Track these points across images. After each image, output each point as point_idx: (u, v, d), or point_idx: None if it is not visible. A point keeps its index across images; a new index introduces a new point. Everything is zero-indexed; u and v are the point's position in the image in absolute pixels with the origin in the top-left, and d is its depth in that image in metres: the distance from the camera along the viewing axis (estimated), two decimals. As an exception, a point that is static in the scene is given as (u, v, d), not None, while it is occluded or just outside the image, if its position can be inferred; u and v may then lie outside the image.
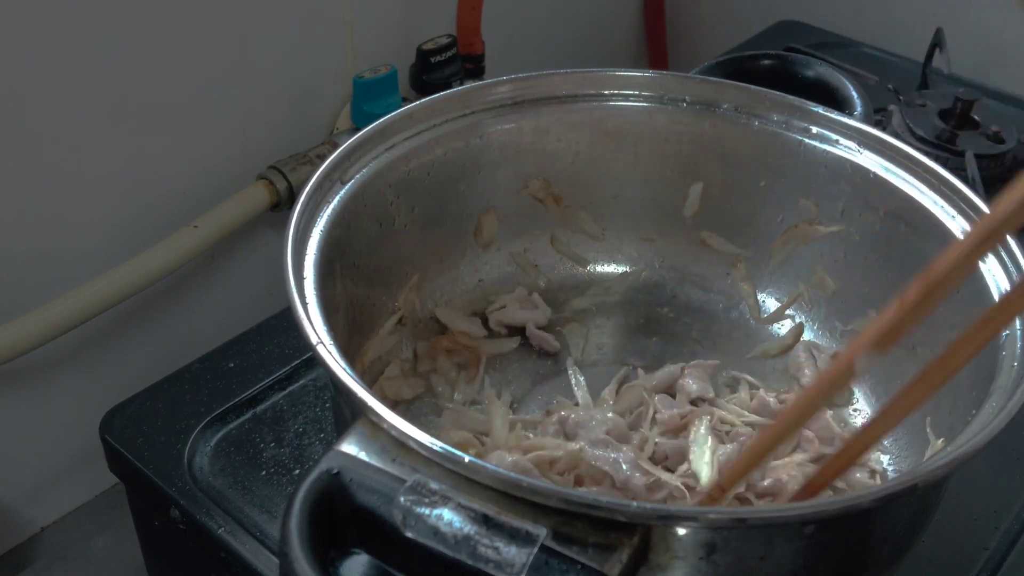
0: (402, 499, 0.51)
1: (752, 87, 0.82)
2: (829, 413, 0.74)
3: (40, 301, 0.87)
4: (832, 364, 0.58)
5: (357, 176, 0.73)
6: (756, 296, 0.85)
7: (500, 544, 0.49)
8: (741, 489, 0.67)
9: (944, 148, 1.03)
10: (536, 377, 0.81)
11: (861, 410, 0.77)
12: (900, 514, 0.61)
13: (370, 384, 0.74)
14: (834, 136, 0.79)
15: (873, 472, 0.72)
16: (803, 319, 0.83)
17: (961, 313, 0.67)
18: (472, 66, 1.16)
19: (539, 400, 0.78)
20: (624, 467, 0.67)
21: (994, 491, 0.75)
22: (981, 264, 0.68)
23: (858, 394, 0.78)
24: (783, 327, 0.84)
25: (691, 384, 0.76)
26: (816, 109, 0.80)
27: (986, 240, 0.50)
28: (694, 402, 0.76)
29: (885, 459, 0.73)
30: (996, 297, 0.67)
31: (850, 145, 0.79)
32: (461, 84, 1.12)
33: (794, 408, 0.57)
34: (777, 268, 0.84)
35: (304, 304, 0.61)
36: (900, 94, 1.11)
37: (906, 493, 0.54)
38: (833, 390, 0.56)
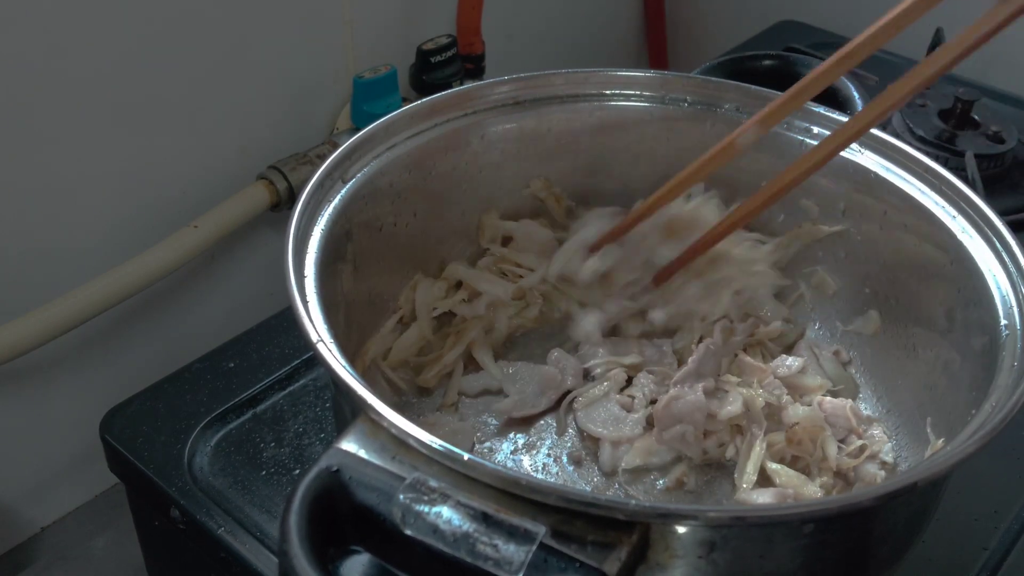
0: (401, 497, 0.51)
1: (753, 87, 0.82)
2: (848, 404, 0.74)
3: (40, 301, 0.87)
4: (720, 143, 0.73)
5: (358, 175, 0.73)
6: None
7: (499, 542, 0.49)
8: None
9: (944, 148, 1.03)
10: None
11: (863, 402, 0.78)
12: (900, 513, 0.60)
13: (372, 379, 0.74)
14: (835, 136, 0.79)
15: (883, 464, 0.72)
16: (804, 319, 0.83)
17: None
18: (472, 66, 1.16)
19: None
20: None
21: (994, 491, 0.75)
22: (964, 239, 0.70)
23: (863, 391, 0.78)
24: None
25: None
26: (817, 109, 0.80)
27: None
28: None
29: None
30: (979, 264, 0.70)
31: (851, 145, 0.79)
32: (461, 84, 1.12)
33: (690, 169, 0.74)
34: (779, 267, 0.84)
35: (305, 302, 0.61)
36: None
37: (906, 492, 0.54)
38: (717, 161, 0.73)
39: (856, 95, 1.01)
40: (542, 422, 0.76)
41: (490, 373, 0.78)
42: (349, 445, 0.54)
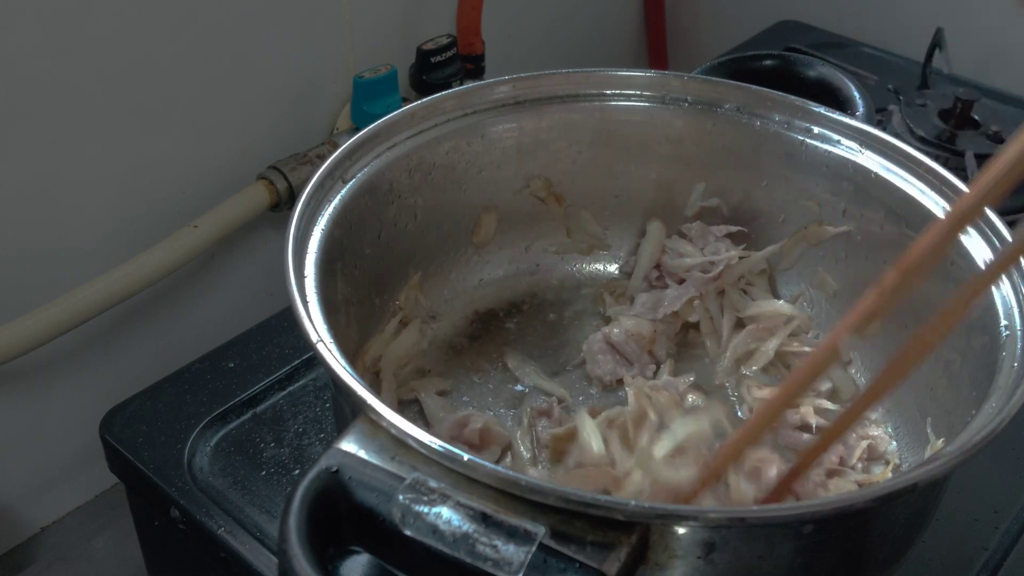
0: (401, 497, 0.51)
1: (754, 87, 0.82)
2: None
3: (40, 301, 0.87)
4: (816, 349, 0.60)
5: (359, 175, 0.73)
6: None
7: (499, 542, 0.49)
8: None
9: (944, 148, 1.03)
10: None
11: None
12: (900, 514, 0.60)
13: (372, 379, 0.74)
14: (836, 136, 0.79)
15: (888, 462, 0.72)
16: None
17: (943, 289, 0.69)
18: (472, 66, 1.16)
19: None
20: None
21: (994, 491, 0.75)
22: (964, 238, 0.70)
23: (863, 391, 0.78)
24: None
25: None
26: (818, 109, 0.80)
27: (961, 222, 0.53)
28: None
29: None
30: (981, 266, 0.68)
31: (851, 145, 0.79)
32: (461, 84, 1.12)
33: (781, 393, 0.60)
34: (786, 269, 0.84)
35: (305, 302, 0.61)
36: (900, 94, 1.11)
37: (905, 493, 0.54)
38: (817, 372, 0.60)
39: (857, 95, 1.01)
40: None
41: None
42: (349, 445, 0.54)
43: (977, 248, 0.69)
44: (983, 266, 0.69)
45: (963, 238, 0.70)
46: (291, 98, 1.05)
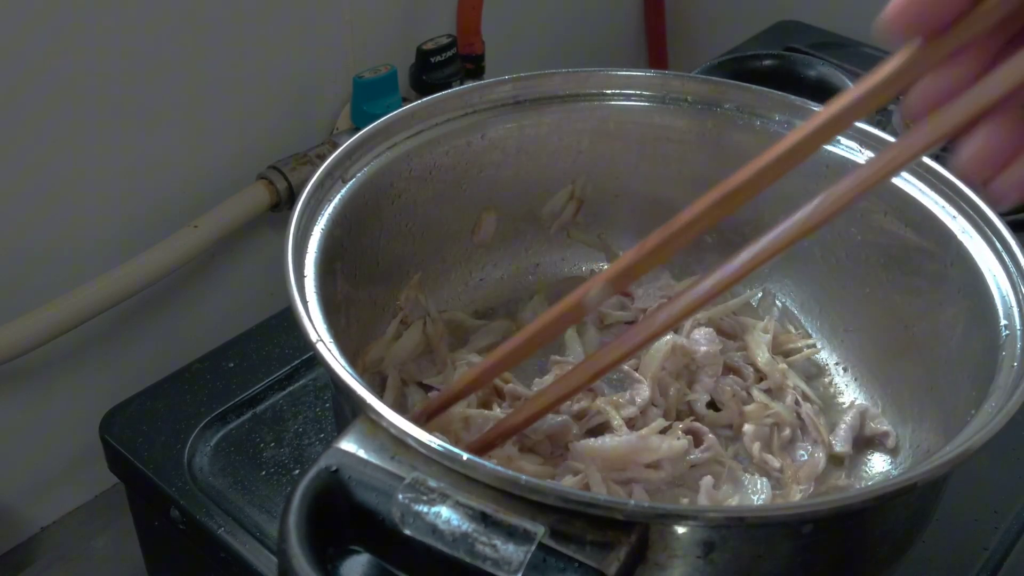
0: (400, 497, 0.51)
1: (754, 87, 0.82)
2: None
3: (40, 301, 0.87)
4: (564, 299, 0.61)
5: (359, 175, 0.73)
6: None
7: (498, 542, 0.49)
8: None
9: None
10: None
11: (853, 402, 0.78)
12: (899, 514, 0.60)
13: (373, 380, 0.74)
14: (836, 136, 0.79)
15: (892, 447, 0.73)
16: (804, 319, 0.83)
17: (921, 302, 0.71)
18: (472, 66, 1.16)
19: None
20: None
21: (994, 491, 0.75)
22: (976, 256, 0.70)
23: (863, 391, 0.78)
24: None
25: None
26: (817, 109, 0.80)
27: (732, 196, 0.58)
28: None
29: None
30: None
31: (851, 145, 0.79)
32: (461, 84, 1.12)
33: (526, 334, 0.62)
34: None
35: (304, 302, 0.61)
36: (900, 94, 1.11)
37: (905, 492, 0.54)
38: (564, 322, 0.62)
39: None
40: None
41: None
42: (348, 445, 0.54)
43: (977, 248, 0.69)
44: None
45: (963, 239, 0.70)
46: (291, 98, 1.05)
